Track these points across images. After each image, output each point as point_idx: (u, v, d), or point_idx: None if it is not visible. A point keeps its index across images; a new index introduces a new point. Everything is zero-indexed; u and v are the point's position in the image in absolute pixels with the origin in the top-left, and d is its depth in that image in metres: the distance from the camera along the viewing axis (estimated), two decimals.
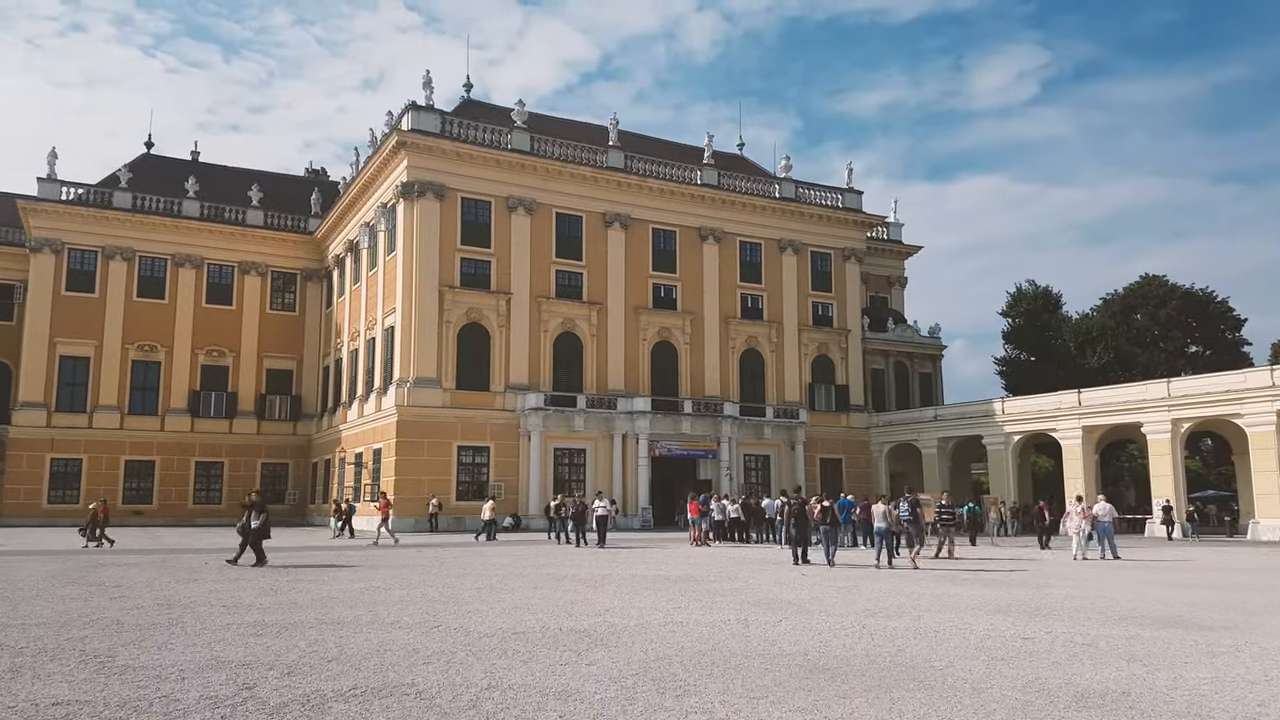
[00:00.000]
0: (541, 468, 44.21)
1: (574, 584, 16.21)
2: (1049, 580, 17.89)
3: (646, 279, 49.30)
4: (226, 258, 55.81)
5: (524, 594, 14.41)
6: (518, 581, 16.54)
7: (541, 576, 17.62)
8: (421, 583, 16.28)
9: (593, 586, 15.76)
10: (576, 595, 14.27)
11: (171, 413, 53.63)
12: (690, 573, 18.99)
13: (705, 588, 15.83)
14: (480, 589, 15.17)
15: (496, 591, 14.77)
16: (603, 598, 13.93)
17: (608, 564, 21.30)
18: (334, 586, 15.74)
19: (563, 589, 15.25)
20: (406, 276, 43.23)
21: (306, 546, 28.92)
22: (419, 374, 42.56)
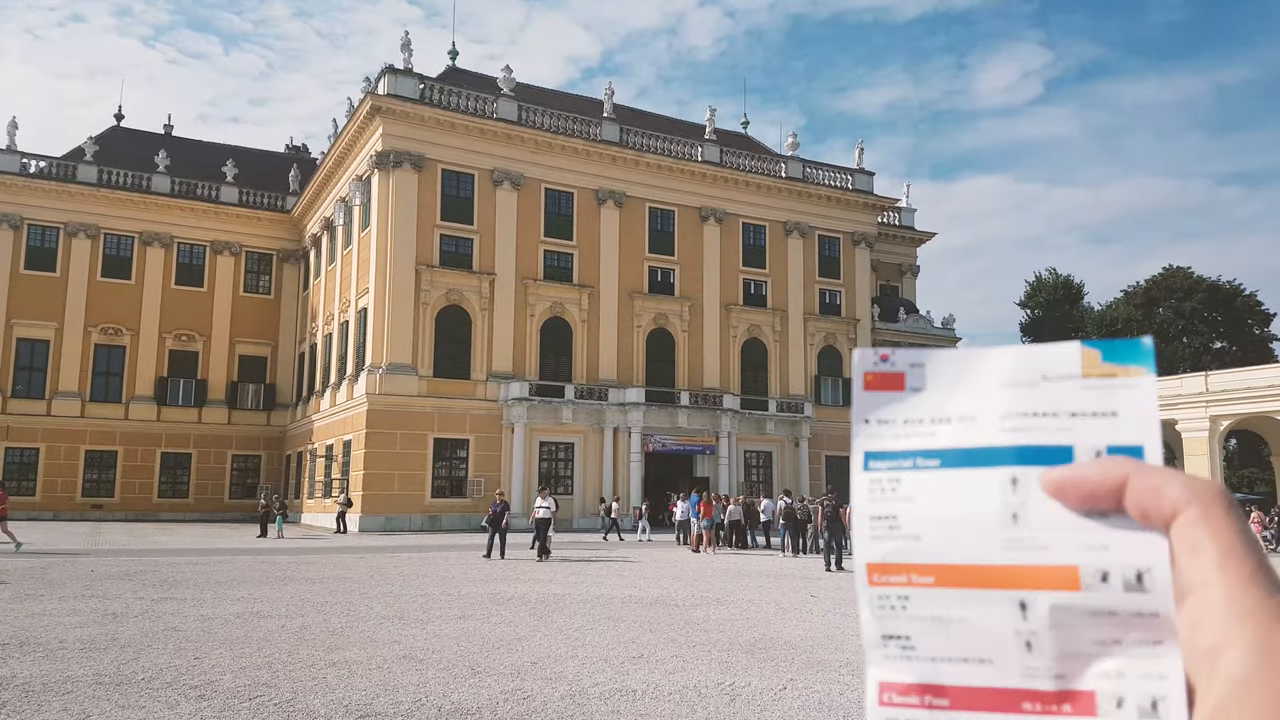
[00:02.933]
0: (526, 463, 40.83)
1: (516, 610, 12.85)
2: None
3: (642, 261, 45.86)
4: (198, 237, 52.49)
5: (436, 627, 11.05)
6: (445, 606, 13.18)
7: (480, 598, 14.26)
8: (320, 606, 12.93)
9: (538, 614, 12.39)
10: (508, 631, 10.90)
11: (136, 400, 50.37)
12: (670, 593, 15.61)
13: (684, 617, 12.46)
14: (387, 617, 11.81)
15: (404, 622, 11.42)
16: (541, 637, 10.56)
17: (573, 579, 17.94)
18: (207, 609, 12.42)
19: (495, 619, 11.89)
20: (381, 254, 39.85)
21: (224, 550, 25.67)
22: (393, 360, 39.20)
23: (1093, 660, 0.39)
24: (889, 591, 0.44)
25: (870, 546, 0.44)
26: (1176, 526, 0.37)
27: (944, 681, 0.42)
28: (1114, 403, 0.42)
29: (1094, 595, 0.39)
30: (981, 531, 0.42)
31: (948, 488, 0.44)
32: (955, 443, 0.44)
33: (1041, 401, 0.43)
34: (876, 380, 0.47)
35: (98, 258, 50.43)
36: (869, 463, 0.46)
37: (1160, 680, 0.37)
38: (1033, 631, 0.40)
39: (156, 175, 51.67)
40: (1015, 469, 0.42)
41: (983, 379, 0.45)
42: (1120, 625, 0.39)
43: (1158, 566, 0.38)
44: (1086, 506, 0.40)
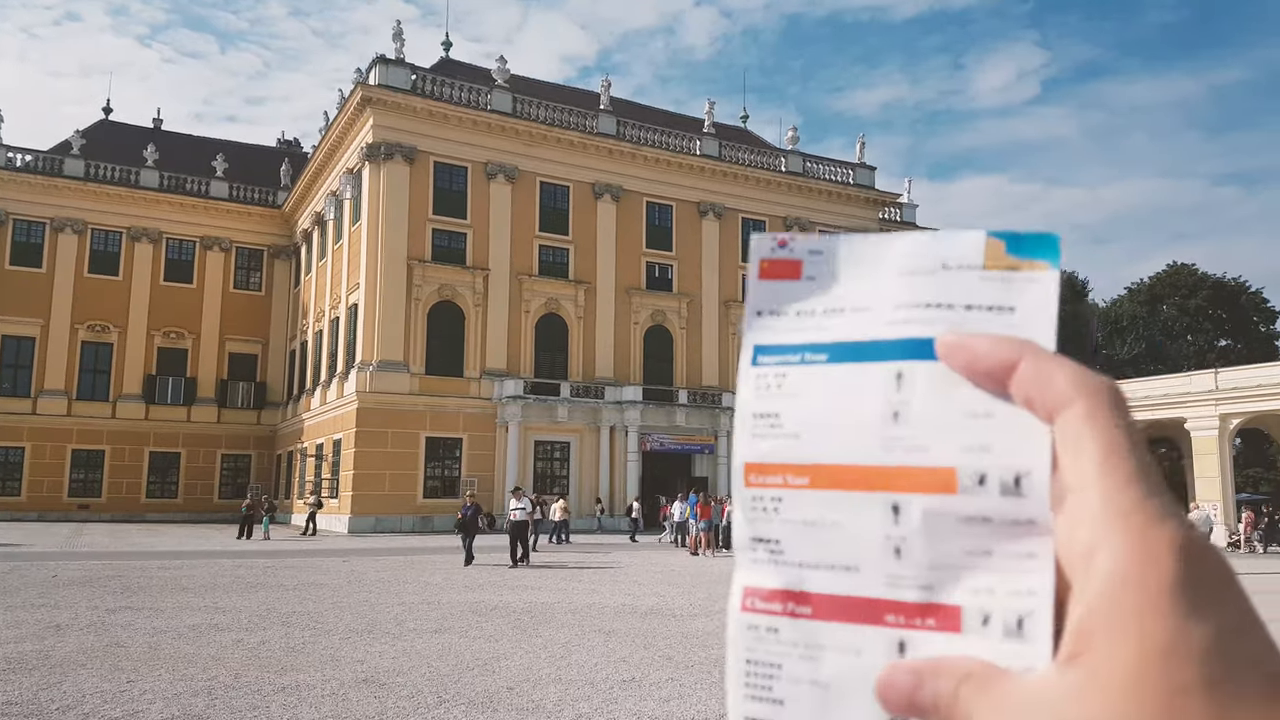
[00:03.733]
0: (520, 462, 39.84)
1: (499, 622, 11.88)
2: None
3: (639, 257, 44.88)
4: (187, 232, 51.51)
5: (408, 643, 10.08)
6: (422, 618, 12.20)
7: (461, 608, 13.28)
8: (285, 617, 11.95)
9: (522, 627, 11.43)
10: (486, 648, 9.92)
11: (124, 399, 49.39)
12: (667, 601, 14.64)
13: (682, 629, 11.49)
14: (356, 630, 10.83)
15: (373, 637, 10.44)
16: (522, 654, 9.59)
17: (564, 586, 16.98)
18: (162, 621, 11.45)
19: (475, 633, 10.91)
20: (372, 249, 38.86)
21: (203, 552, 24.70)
22: (383, 357, 38.21)
23: (963, 572, 0.38)
24: (763, 493, 0.42)
25: (750, 445, 0.42)
26: (1061, 421, 0.36)
27: (808, 589, 0.41)
28: (1013, 296, 0.40)
29: (969, 499, 0.38)
30: (861, 430, 0.40)
31: (832, 383, 0.41)
32: (845, 335, 0.42)
33: (937, 292, 0.41)
34: (772, 268, 0.44)
35: (85, 253, 49.45)
36: (757, 358, 0.43)
37: (1029, 597, 0.36)
38: (903, 537, 0.39)
39: (145, 169, 50.70)
40: (901, 364, 0.40)
41: (882, 267, 0.42)
42: (994, 534, 0.37)
43: (1037, 470, 0.37)
44: (971, 376, 0.38)
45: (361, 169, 40.10)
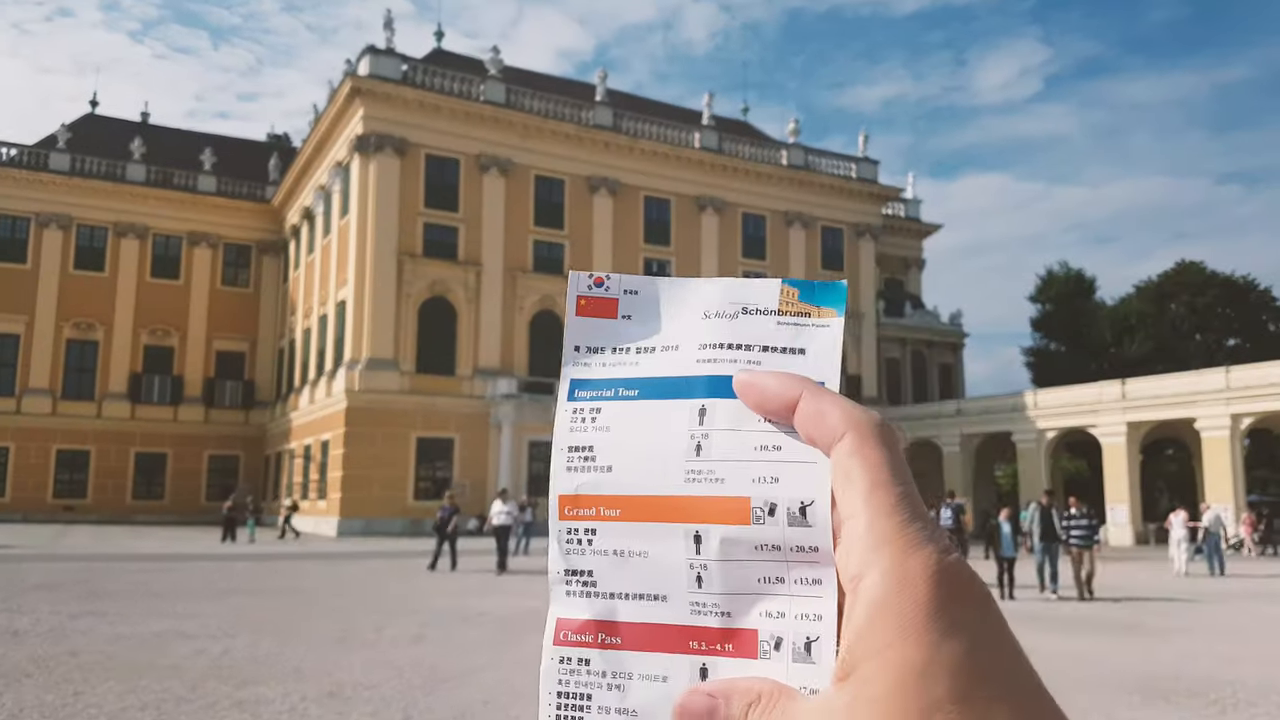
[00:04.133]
0: (514, 463, 38.82)
1: (482, 629, 10.90)
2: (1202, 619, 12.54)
3: (638, 252, 43.92)
4: (174, 227, 50.45)
5: (382, 652, 9.08)
6: (401, 625, 11.21)
7: (444, 614, 12.29)
8: (255, 625, 10.94)
9: (505, 636, 10.44)
10: (464, 659, 8.93)
11: (110, 398, 48.30)
12: None
13: None
14: (329, 639, 9.82)
15: (346, 646, 9.44)
16: (502, 665, 8.60)
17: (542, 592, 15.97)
18: (126, 627, 10.45)
19: (455, 642, 9.92)
20: (360, 243, 37.85)
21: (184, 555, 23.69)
22: (373, 354, 37.19)
23: (757, 599, 0.40)
24: (577, 525, 0.43)
25: (564, 478, 0.44)
26: (834, 455, 0.38)
27: (619, 618, 0.42)
28: (803, 340, 0.43)
29: (761, 529, 0.40)
30: (667, 463, 0.42)
31: (641, 418, 0.43)
32: (655, 372, 0.44)
33: (738, 334, 0.43)
34: (589, 305, 0.46)
35: (70, 249, 48.40)
36: (574, 392, 0.45)
37: (815, 621, 0.38)
38: (704, 565, 0.40)
39: (131, 164, 49.64)
40: (705, 400, 0.43)
41: (689, 309, 0.45)
42: (784, 561, 0.40)
43: (819, 499, 0.39)
44: (762, 412, 0.41)
45: (350, 161, 39.11)
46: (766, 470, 0.40)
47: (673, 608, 0.41)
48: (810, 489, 0.39)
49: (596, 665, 0.42)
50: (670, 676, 0.41)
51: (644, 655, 0.41)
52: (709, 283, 0.45)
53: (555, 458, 0.44)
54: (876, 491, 0.36)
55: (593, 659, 0.42)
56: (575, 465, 0.44)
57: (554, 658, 0.43)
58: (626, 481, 0.43)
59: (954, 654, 0.32)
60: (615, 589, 0.42)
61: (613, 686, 0.41)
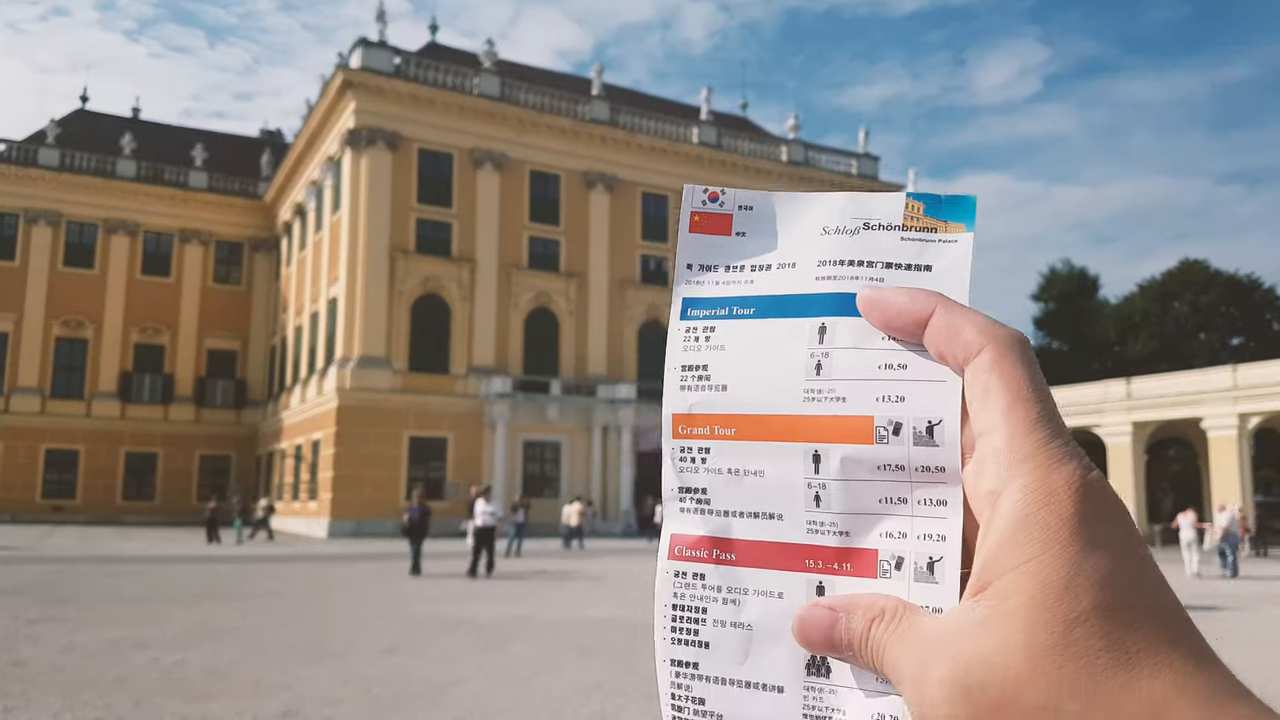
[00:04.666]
0: (509, 463, 38.16)
1: (461, 639, 10.23)
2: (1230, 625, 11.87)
3: (634, 249, 43.25)
4: (165, 224, 49.76)
5: (352, 665, 8.40)
6: (376, 634, 10.54)
7: (423, 622, 11.61)
8: (219, 633, 10.27)
9: (487, 645, 9.78)
10: (440, 671, 8.25)
11: (99, 397, 47.62)
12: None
13: None
14: (296, 649, 9.14)
15: (314, 657, 8.76)
16: (481, 679, 7.93)
17: (543, 596, 15.35)
18: (82, 635, 9.79)
19: (432, 653, 9.25)
20: (352, 239, 37.17)
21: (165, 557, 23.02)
22: (364, 352, 36.50)
23: (878, 519, 0.40)
24: (691, 444, 0.43)
25: (678, 397, 0.43)
26: (970, 370, 0.37)
27: (734, 535, 0.42)
28: (930, 256, 0.42)
29: (885, 448, 0.39)
30: (785, 382, 0.41)
31: (759, 337, 0.43)
32: (771, 290, 0.43)
33: (860, 250, 0.42)
34: (704, 221, 0.45)
35: (59, 246, 47.73)
36: (687, 310, 0.44)
37: (939, 542, 0.38)
38: (823, 485, 0.40)
39: (122, 160, 48.97)
40: (825, 318, 0.42)
41: (808, 225, 0.44)
42: (908, 481, 0.39)
43: (948, 418, 0.38)
44: (888, 329, 0.40)
45: (342, 156, 38.44)
46: (891, 389, 0.40)
47: (789, 526, 0.41)
48: (938, 407, 0.39)
49: (712, 580, 0.42)
50: (786, 593, 0.41)
51: (759, 572, 0.41)
52: (829, 197, 0.44)
53: (668, 376, 0.44)
54: (1017, 406, 0.35)
55: (708, 574, 0.42)
56: (689, 384, 0.43)
57: (669, 572, 0.43)
58: (742, 400, 0.42)
59: (1098, 569, 0.32)
60: (730, 507, 0.42)
61: (728, 601, 0.42)
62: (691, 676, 0.42)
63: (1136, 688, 0.30)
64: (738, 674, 0.41)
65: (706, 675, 0.41)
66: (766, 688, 0.41)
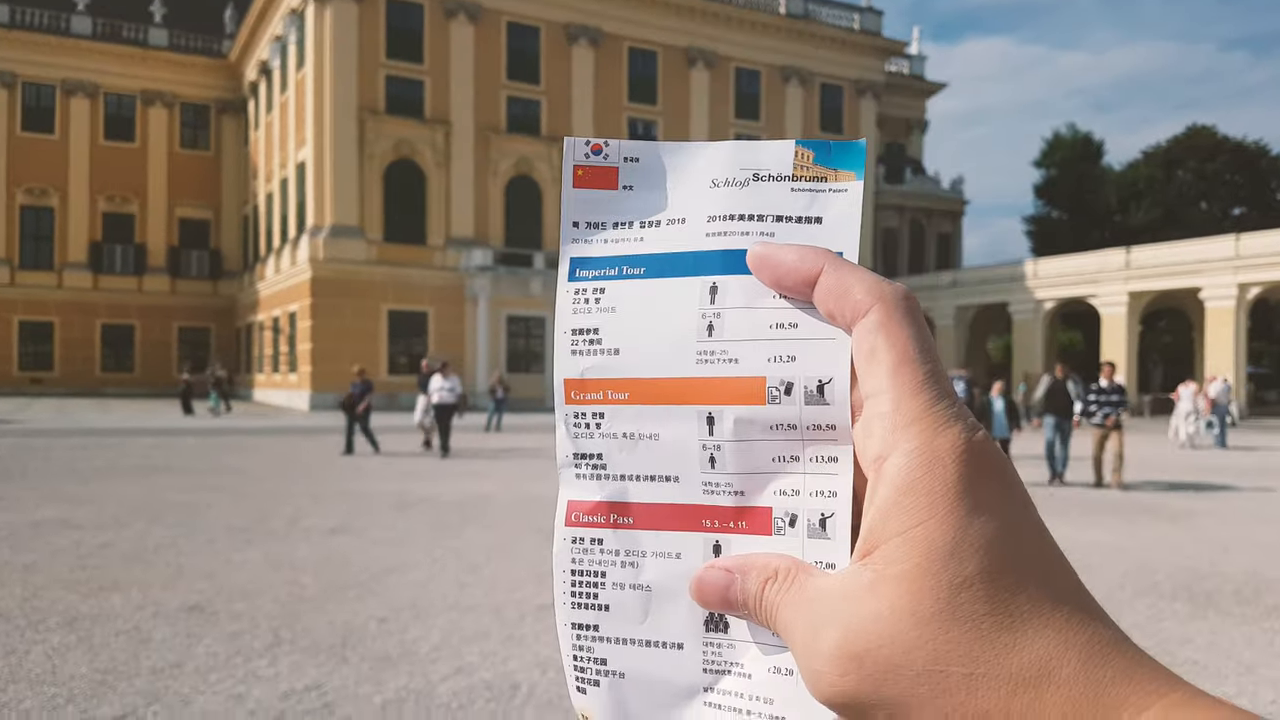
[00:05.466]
0: (491, 339, 37.29)
1: (417, 518, 9.49)
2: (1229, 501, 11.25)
3: (621, 111, 41.16)
4: (126, 85, 47.14)
5: (289, 547, 7.60)
6: (326, 512, 9.77)
7: (380, 500, 10.87)
8: (158, 511, 9.48)
9: (443, 526, 9.03)
10: (383, 556, 7.46)
11: (70, 268, 46.21)
12: None
13: None
14: (234, 529, 8.35)
15: (250, 538, 7.94)
16: (426, 564, 7.16)
17: (515, 473, 14.71)
18: (11, 514, 9.01)
19: (379, 534, 8.47)
20: (318, 99, 35.11)
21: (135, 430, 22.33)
22: (336, 221, 35.03)
23: (772, 478, 0.39)
24: (585, 409, 0.42)
25: (569, 362, 0.42)
26: (858, 330, 0.36)
27: (630, 499, 0.41)
28: (819, 207, 0.40)
29: (777, 408, 0.39)
30: (677, 344, 0.40)
31: (649, 297, 0.41)
32: (661, 248, 0.42)
33: (750, 203, 0.41)
34: (588, 175, 0.43)
35: (16, 109, 45.30)
36: (575, 271, 0.42)
37: (830, 499, 0.38)
38: (717, 446, 0.39)
39: (76, 15, 45.93)
40: (716, 277, 0.40)
41: (696, 177, 0.42)
42: (799, 440, 0.39)
43: (838, 376, 0.38)
44: (779, 288, 0.39)
45: (305, 8, 35.88)
46: (782, 349, 0.39)
47: (685, 488, 0.40)
48: (829, 366, 0.38)
49: (610, 544, 0.41)
50: (684, 554, 0.40)
51: (657, 534, 0.41)
52: (715, 147, 0.42)
53: (558, 341, 0.42)
54: (903, 368, 0.35)
55: (606, 538, 0.42)
56: (580, 349, 0.42)
57: (566, 538, 0.42)
58: (634, 364, 0.41)
59: (983, 533, 0.32)
60: (626, 471, 0.41)
61: (626, 564, 0.41)
62: (593, 639, 0.41)
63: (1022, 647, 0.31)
64: (638, 634, 0.41)
65: (607, 636, 0.41)
66: (667, 645, 0.41)
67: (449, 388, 16.41)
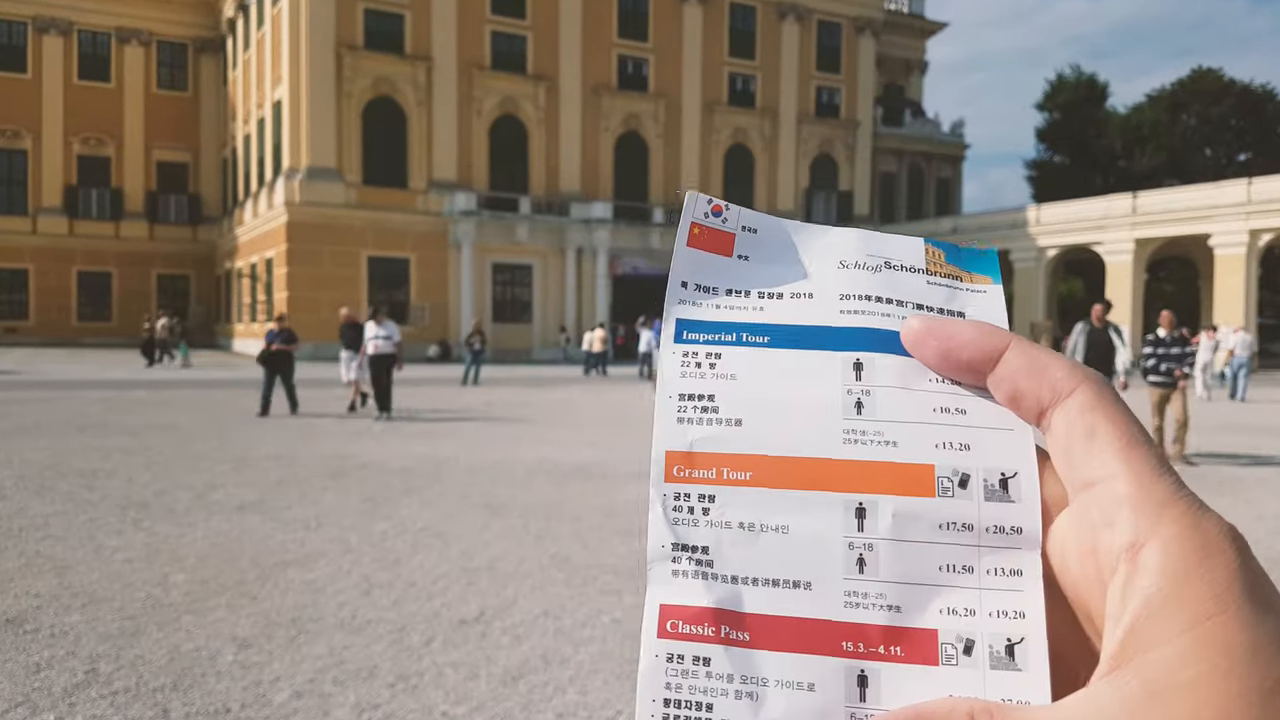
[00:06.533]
0: (476, 286, 36.10)
1: (351, 489, 8.43)
2: None
3: (609, 49, 39.44)
4: (100, 22, 45.31)
5: (180, 528, 6.52)
6: (250, 480, 8.72)
7: (317, 464, 9.82)
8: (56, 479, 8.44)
9: (376, 501, 7.98)
10: (288, 541, 6.41)
11: (44, 212, 44.84)
12: (602, 456, 11.29)
13: (605, 501, 8.09)
14: (127, 504, 7.28)
15: (144, 513, 6.89)
16: (336, 553, 6.11)
17: (478, 434, 13.68)
18: None
19: (297, 510, 7.41)
20: (294, 34, 33.46)
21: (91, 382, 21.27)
22: (313, 163, 33.61)
23: (938, 591, 0.32)
24: (691, 489, 0.34)
25: (674, 431, 0.35)
26: (1062, 411, 0.31)
27: (746, 608, 0.33)
28: (960, 303, 0.37)
29: (949, 502, 0.32)
30: (817, 420, 0.34)
31: (779, 367, 0.36)
32: (787, 318, 0.37)
33: (886, 288, 0.37)
34: (703, 236, 0.39)
35: None
36: (682, 333, 0.37)
37: (1017, 620, 0.31)
38: (868, 545, 0.33)
39: None
40: (859, 353, 0.36)
41: (819, 256, 0.38)
42: (975, 545, 0.32)
43: (1025, 472, 0.32)
44: (945, 365, 0.34)
45: None
46: (953, 435, 0.33)
47: (821, 598, 0.33)
48: (1012, 459, 0.33)
49: (719, 667, 0.33)
50: (818, 685, 0.32)
51: (783, 656, 0.32)
52: (841, 230, 0.39)
53: (661, 407, 0.36)
54: (1134, 449, 0.30)
55: (714, 658, 0.33)
56: (689, 416, 0.35)
57: (659, 654, 0.33)
58: (763, 438, 0.34)
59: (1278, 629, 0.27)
60: (741, 571, 0.33)
61: (742, 694, 0.32)
62: None
63: None
64: None
65: None
66: None
67: (385, 335, 14.50)
